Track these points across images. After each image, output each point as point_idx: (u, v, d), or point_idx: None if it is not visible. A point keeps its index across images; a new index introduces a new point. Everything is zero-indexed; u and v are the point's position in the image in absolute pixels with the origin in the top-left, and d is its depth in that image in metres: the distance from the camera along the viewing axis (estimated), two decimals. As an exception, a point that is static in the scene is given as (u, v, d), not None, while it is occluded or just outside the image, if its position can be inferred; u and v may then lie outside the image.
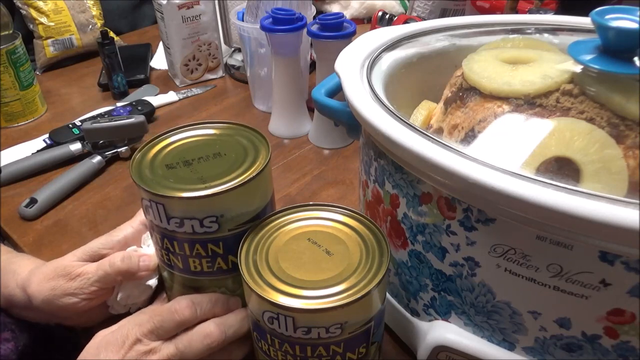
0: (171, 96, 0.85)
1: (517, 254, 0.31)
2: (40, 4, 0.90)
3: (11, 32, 0.77)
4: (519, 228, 0.30)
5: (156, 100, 0.83)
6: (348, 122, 0.43)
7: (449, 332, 0.37)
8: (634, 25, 0.32)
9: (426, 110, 0.44)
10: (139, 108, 0.78)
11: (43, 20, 0.91)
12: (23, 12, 0.91)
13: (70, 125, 0.74)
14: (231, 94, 0.88)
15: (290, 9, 0.67)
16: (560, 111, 0.33)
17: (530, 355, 0.34)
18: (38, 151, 0.70)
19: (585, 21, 0.47)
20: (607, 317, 0.30)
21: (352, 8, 1.03)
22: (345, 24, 0.67)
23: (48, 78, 0.94)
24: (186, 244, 0.38)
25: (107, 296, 0.44)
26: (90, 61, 0.98)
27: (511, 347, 0.35)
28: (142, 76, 0.90)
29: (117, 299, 0.43)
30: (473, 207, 0.31)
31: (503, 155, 0.33)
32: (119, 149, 0.69)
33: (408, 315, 0.41)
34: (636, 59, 0.33)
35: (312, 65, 0.82)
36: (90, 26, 0.96)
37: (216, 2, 0.86)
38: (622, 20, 0.33)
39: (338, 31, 0.66)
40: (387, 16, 0.88)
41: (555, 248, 0.29)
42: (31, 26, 0.91)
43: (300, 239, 0.37)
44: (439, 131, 0.40)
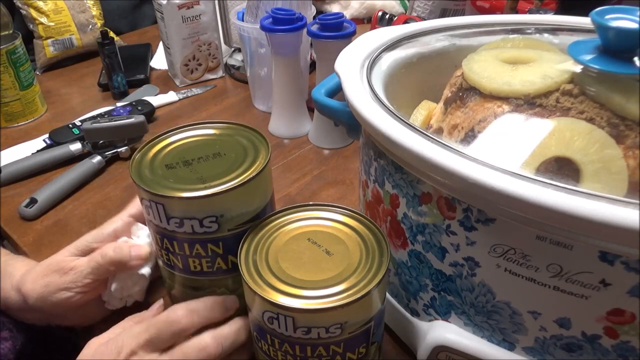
0: (171, 96, 0.85)
1: (517, 254, 0.31)
2: (40, 4, 0.90)
3: (11, 32, 0.77)
4: (519, 228, 0.30)
5: (156, 100, 0.83)
6: (348, 122, 0.43)
7: (449, 332, 0.37)
8: (634, 25, 0.32)
9: (426, 110, 0.44)
10: (139, 108, 0.78)
11: (43, 20, 0.91)
12: (23, 12, 0.91)
13: (70, 125, 0.74)
14: (231, 94, 0.88)
15: (290, 9, 0.67)
16: (560, 111, 0.33)
17: (530, 355, 0.34)
18: (38, 151, 0.70)
19: (585, 21, 0.47)
20: (607, 317, 0.30)
21: (352, 8, 1.03)
22: (345, 24, 0.67)
23: (48, 78, 0.94)
24: (186, 244, 0.38)
25: (101, 289, 0.44)
26: (90, 61, 0.98)
27: (511, 347, 0.35)
28: (142, 76, 0.90)
29: (112, 290, 0.43)
30: (473, 207, 0.31)
31: (503, 155, 0.33)
32: (119, 149, 0.69)
33: (408, 315, 0.41)
34: (636, 59, 0.33)
35: (312, 65, 0.82)
36: (90, 26, 0.96)
37: (216, 2, 0.85)
38: (622, 20, 0.33)
39: (338, 31, 0.66)
40: (387, 16, 0.88)
41: (555, 248, 0.29)
42: (31, 26, 0.91)
43: (300, 239, 0.37)
44: (439, 131, 0.40)
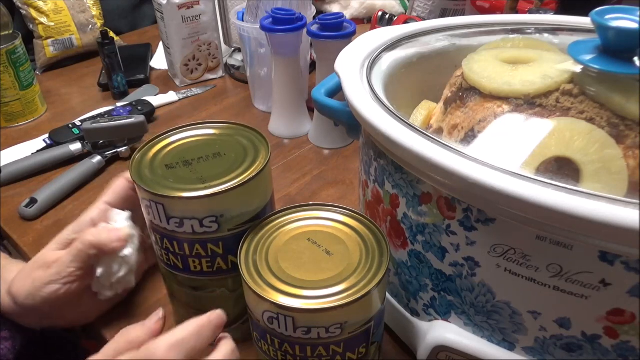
0: (171, 96, 0.85)
1: (517, 254, 0.31)
2: (40, 4, 0.90)
3: (11, 32, 0.77)
4: (519, 228, 0.30)
5: (156, 100, 0.83)
6: (348, 122, 0.43)
7: (449, 332, 0.37)
8: (634, 25, 0.32)
9: (426, 110, 0.44)
10: (139, 108, 0.78)
11: (43, 20, 0.91)
12: (23, 12, 0.91)
13: (70, 125, 0.74)
14: (231, 94, 0.88)
15: (290, 9, 0.67)
16: (560, 111, 0.33)
17: (530, 355, 0.34)
18: (38, 151, 0.70)
19: (585, 21, 0.47)
20: (607, 317, 0.30)
21: (352, 8, 1.03)
22: (345, 24, 0.67)
23: (48, 78, 0.94)
24: (186, 244, 0.38)
25: (88, 279, 0.44)
26: (90, 61, 0.98)
27: (511, 347, 0.35)
28: (142, 76, 0.90)
29: (98, 276, 0.43)
30: (473, 207, 0.31)
31: (503, 155, 0.33)
32: (119, 149, 0.69)
33: (408, 315, 0.41)
34: (636, 59, 0.33)
35: (312, 65, 0.82)
36: (90, 26, 0.96)
37: (216, 2, 0.85)
38: (622, 20, 0.33)
39: (338, 31, 0.66)
40: (387, 16, 0.88)
41: (555, 248, 0.29)
42: (31, 26, 0.91)
43: (300, 239, 0.37)
44: (439, 131, 0.40)
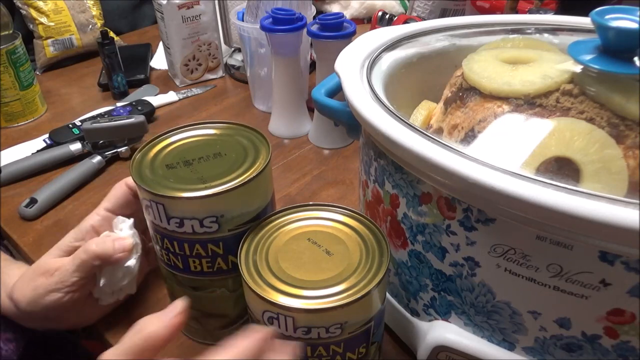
0: (171, 96, 0.85)
1: (517, 254, 0.31)
2: (40, 4, 0.90)
3: (11, 32, 0.77)
4: (519, 228, 0.30)
5: (156, 100, 0.83)
6: (348, 122, 0.43)
7: (449, 332, 0.37)
8: (634, 25, 0.32)
9: (426, 110, 0.44)
10: (139, 108, 0.78)
11: (43, 20, 0.91)
12: (23, 12, 0.91)
13: (70, 125, 0.74)
14: (231, 94, 0.88)
15: (290, 9, 0.67)
16: (560, 111, 0.33)
17: (530, 355, 0.34)
18: (38, 151, 0.70)
19: (585, 21, 0.47)
20: (607, 317, 0.30)
21: (352, 8, 1.03)
22: (345, 24, 0.67)
23: (48, 78, 0.94)
24: (186, 244, 0.38)
25: (91, 286, 0.43)
26: (90, 61, 0.98)
27: (511, 347, 0.35)
28: (142, 76, 0.90)
29: (100, 285, 0.43)
30: (473, 207, 0.31)
31: (503, 155, 0.33)
32: (119, 149, 0.69)
33: (408, 315, 0.41)
34: (636, 59, 0.33)
35: (312, 65, 0.82)
36: (90, 26, 0.96)
37: (216, 2, 0.85)
38: (622, 20, 0.33)
39: (338, 31, 0.66)
40: (387, 16, 0.88)
41: (555, 248, 0.29)
42: (31, 26, 0.91)
43: (300, 239, 0.37)
44: (439, 131, 0.40)
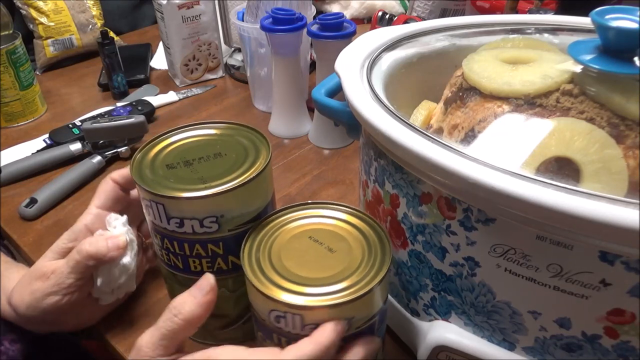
0: (171, 96, 0.85)
1: (517, 254, 0.31)
2: (40, 4, 0.90)
3: (11, 32, 0.77)
4: (519, 228, 0.30)
5: (156, 100, 0.83)
6: (348, 122, 0.43)
7: (449, 332, 0.37)
8: (634, 25, 0.32)
9: (426, 110, 0.44)
10: (139, 108, 0.78)
11: (43, 20, 0.91)
12: (23, 12, 0.91)
13: (70, 125, 0.74)
14: (231, 94, 0.88)
15: (290, 9, 0.67)
16: (560, 111, 0.33)
17: (530, 355, 0.34)
18: (38, 151, 0.70)
19: (585, 21, 0.47)
20: (607, 317, 0.30)
21: (352, 8, 1.03)
22: (345, 24, 0.67)
23: (48, 78, 0.94)
24: (186, 244, 0.38)
25: (88, 287, 0.43)
26: (90, 61, 0.98)
27: (511, 347, 0.35)
28: (142, 76, 0.90)
29: (98, 285, 0.43)
30: (473, 207, 0.31)
31: (503, 155, 0.33)
32: (119, 149, 0.69)
33: (408, 315, 0.41)
34: (636, 59, 0.33)
35: (312, 65, 0.82)
36: (90, 26, 0.96)
37: (216, 2, 0.85)
38: (622, 20, 0.33)
39: (338, 31, 0.66)
40: (387, 16, 0.88)
41: (555, 248, 0.29)
42: (31, 26, 0.91)
43: (301, 237, 0.37)
44: (439, 131, 0.40)
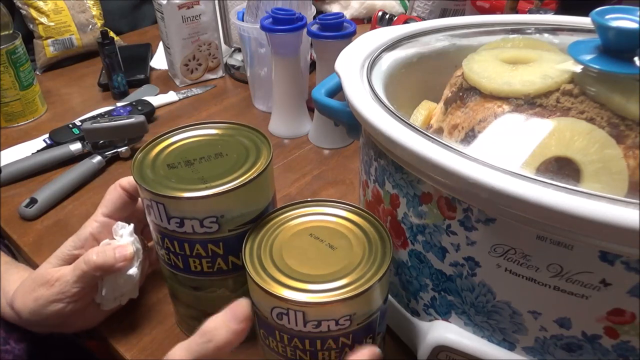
0: (171, 96, 0.85)
1: (517, 254, 0.31)
2: (40, 4, 0.90)
3: (11, 32, 0.77)
4: (519, 228, 0.30)
5: (156, 100, 0.83)
6: (348, 122, 0.43)
7: (449, 332, 0.37)
8: (634, 25, 0.32)
9: (426, 110, 0.44)
10: (139, 108, 0.78)
11: (43, 20, 0.91)
12: (23, 12, 0.91)
13: (70, 125, 0.74)
14: (231, 94, 0.88)
15: (290, 9, 0.67)
16: (560, 111, 0.33)
17: (530, 355, 0.35)
18: (38, 151, 0.70)
19: (585, 21, 0.47)
20: (607, 317, 0.30)
21: (352, 8, 1.03)
22: (345, 24, 0.67)
23: (48, 78, 0.94)
24: (186, 244, 0.38)
25: (92, 294, 0.43)
26: (90, 61, 0.98)
27: (511, 347, 0.35)
28: (142, 76, 0.90)
29: (103, 294, 0.43)
30: (473, 207, 0.31)
31: (503, 155, 0.33)
32: (119, 149, 0.69)
33: (408, 315, 0.41)
34: (636, 59, 0.33)
35: (312, 65, 0.82)
36: (90, 26, 0.96)
37: (216, 2, 0.85)
38: (622, 20, 0.33)
39: (338, 31, 0.66)
40: (387, 16, 0.88)
41: (555, 248, 0.29)
42: (31, 26, 0.91)
43: (302, 235, 0.37)
44: (439, 131, 0.40)
